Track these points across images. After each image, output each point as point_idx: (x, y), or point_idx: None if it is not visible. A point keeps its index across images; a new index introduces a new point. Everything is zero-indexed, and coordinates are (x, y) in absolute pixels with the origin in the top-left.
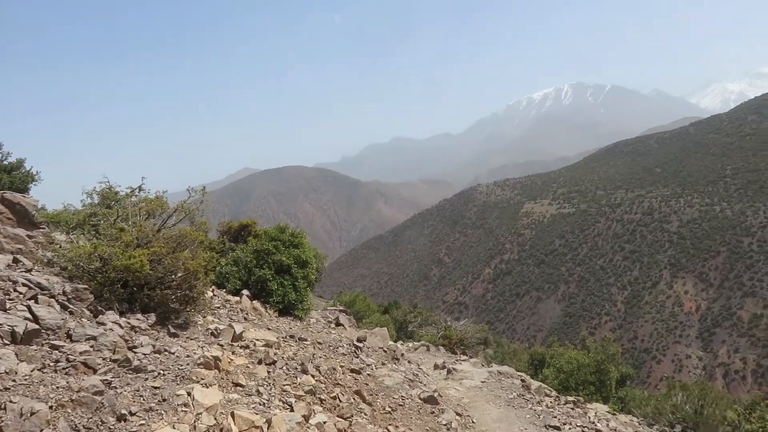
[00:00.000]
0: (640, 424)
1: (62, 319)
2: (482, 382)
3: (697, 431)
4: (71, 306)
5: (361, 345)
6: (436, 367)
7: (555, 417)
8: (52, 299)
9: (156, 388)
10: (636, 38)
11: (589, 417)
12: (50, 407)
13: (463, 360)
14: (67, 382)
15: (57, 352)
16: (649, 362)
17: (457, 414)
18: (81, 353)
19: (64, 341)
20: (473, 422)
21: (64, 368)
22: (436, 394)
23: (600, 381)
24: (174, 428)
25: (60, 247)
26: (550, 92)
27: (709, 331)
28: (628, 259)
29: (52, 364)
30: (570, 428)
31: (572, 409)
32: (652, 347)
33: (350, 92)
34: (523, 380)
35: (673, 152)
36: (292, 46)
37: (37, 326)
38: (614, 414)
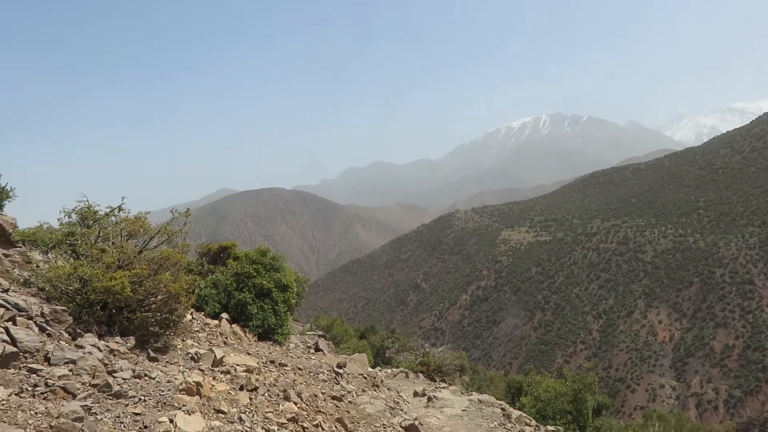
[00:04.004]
0: None
1: (41, 342)
2: (463, 410)
3: None
4: (49, 328)
5: (341, 371)
6: (416, 394)
7: None
8: (30, 321)
9: (137, 414)
10: (612, 70)
11: None
12: None
13: (443, 387)
14: (46, 408)
15: (35, 376)
16: (624, 391)
17: None
18: (60, 377)
19: (42, 365)
20: None
21: (42, 393)
22: (417, 423)
23: (577, 410)
24: None
25: (37, 267)
26: (529, 121)
27: (682, 361)
28: (603, 288)
29: (30, 388)
30: None
31: None
32: (627, 376)
33: (330, 117)
34: (503, 409)
35: (648, 183)
36: (269, 68)
37: (15, 349)
38: None
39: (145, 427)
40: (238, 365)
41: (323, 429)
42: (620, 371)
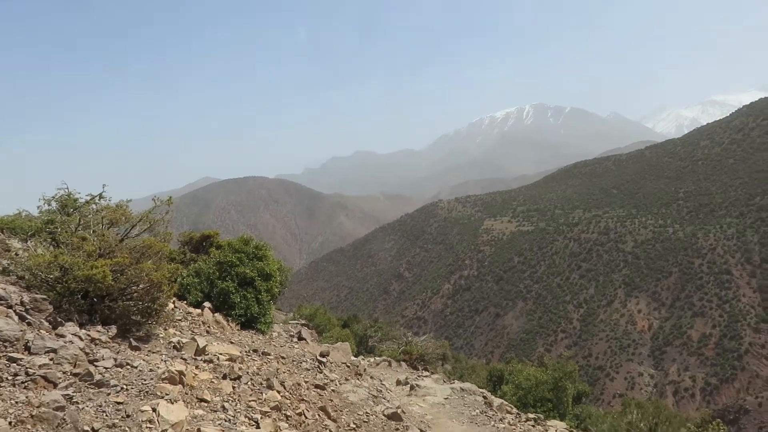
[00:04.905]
0: None
1: (20, 331)
2: (445, 398)
3: None
4: (29, 317)
5: (324, 360)
6: (398, 382)
7: None
8: (10, 309)
9: (119, 403)
10: (595, 62)
11: None
12: (9, 423)
13: (426, 376)
14: (27, 397)
15: (15, 365)
16: (603, 379)
17: (421, 431)
18: (40, 366)
19: (23, 354)
20: None
21: (23, 382)
22: (399, 411)
23: (557, 398)
24: None
25: (16, 255)
26: (512, 112)
27: (661, 350)
28: (584, 278)
29: (10, 377)
30: None
31: (533, 426)
32: (606, 365)
33: (314, 105)
34: (485, 397)
35: (629, 174)
36: (256, 55)
37: None
38: (572, 431)
39: (128, 416)
40: (220, 354)
41: (306, 417)
42: (600, 360)
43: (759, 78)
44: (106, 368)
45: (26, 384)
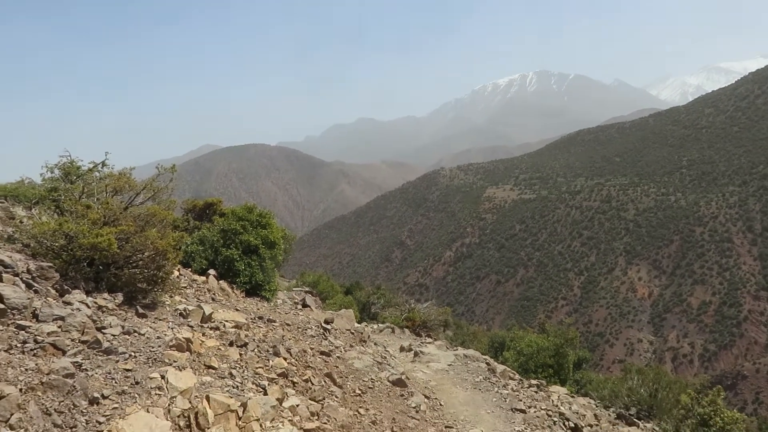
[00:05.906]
0: (597, 407)
1: (28, 299)
2: (449, 365)
3: (651, 414)
4: (36, 285)
5: (329, 327)
6: (402, 349)
7: (520, 400)
8: (17, 277)
9: (128, 370)
10: (599, 29)
11: (553, 400)
12: (20, 390)
13: (429, 342)
14: (36, 364)
15: (24, 332)
16: (603, 345)
17: (426, 397)
18: (49, 334)
19: (31, 321)
20: (441, 405)
21: (32, 350)
22: (404, 377)
23: (558, 364)
24: (148, 412)
25: (21, 223)
26: (516, 78)
27: (660, 317)
28: (585, 246)
29: (19, 345)
30: (535, 411)
31: (536, 392)
32: (606, 331)
33: (317, 72)
34: (488, 363)
35: (632, 142)
36: (259, 21)
37: (2, 306)
38: (573, 397)
39: (137, 383)
40: (227, 321)
41: (313, 384)
42: (600, 326)
43: (765, 45)
44: (114, 335)
45: (35, 351)
